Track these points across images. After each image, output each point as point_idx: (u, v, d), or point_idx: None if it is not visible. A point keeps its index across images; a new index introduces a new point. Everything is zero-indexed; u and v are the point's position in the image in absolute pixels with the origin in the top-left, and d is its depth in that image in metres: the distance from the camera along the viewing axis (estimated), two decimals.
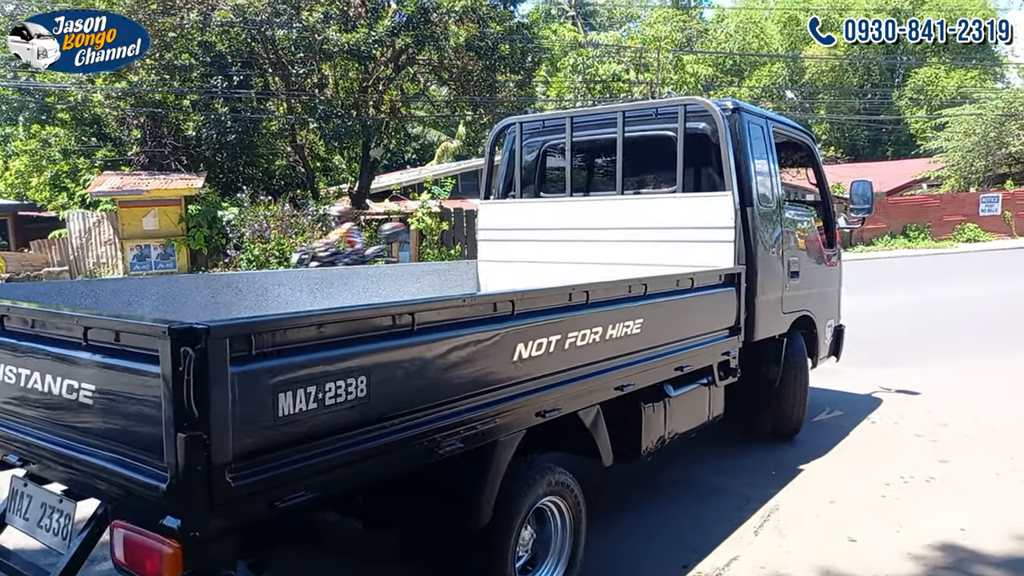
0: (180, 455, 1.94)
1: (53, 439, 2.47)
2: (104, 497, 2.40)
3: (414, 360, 2.51)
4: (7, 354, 2.61)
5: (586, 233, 5.17)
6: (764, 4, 49.85)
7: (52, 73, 22.85)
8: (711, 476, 4.88)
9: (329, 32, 19.11)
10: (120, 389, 2.23)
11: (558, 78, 28.92)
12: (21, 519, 2.77)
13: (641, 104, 5.83)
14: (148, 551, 2.14)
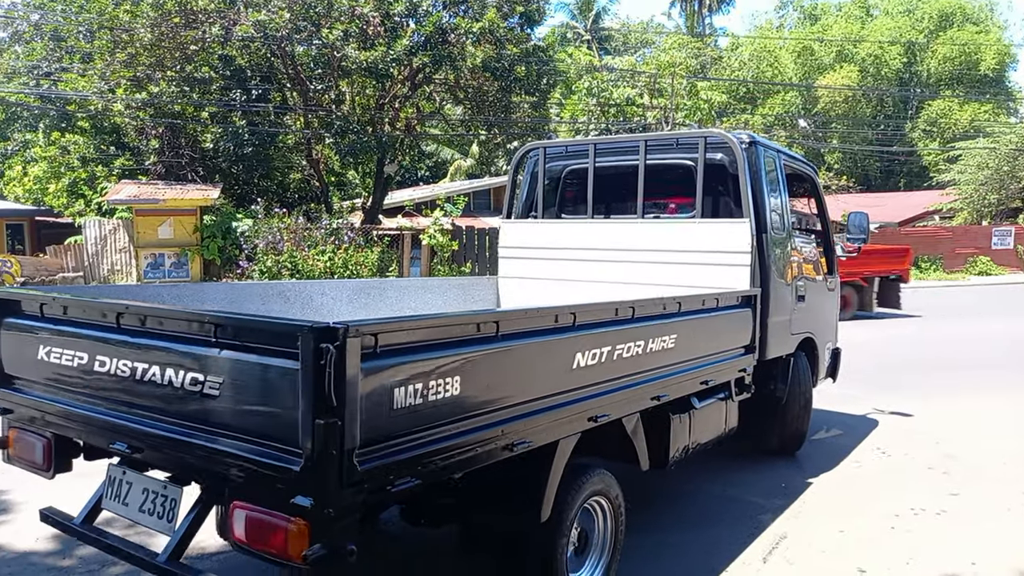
0: (317, 440, 2.14)
1: (168, 428, 2.63)
2: (221, 481, 2.52)
3: (496, 363, 2.78)
4: (122, 349, 2.78)
5: (606, 254, 5.42)
6: (778, 33, 50.20)
7: (74, 81, 23.24)
8: (720, 500, 4.89)
9: (348, 49, 19.36)
10: (250, 381, 2.40)
11: (572, 101, 29.14)
12: (120, 504, 2.96)
13: (663, 134, 6.19)
14: (274, 528, 2.30)
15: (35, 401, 3.15)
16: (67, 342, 2.99)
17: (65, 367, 2.99)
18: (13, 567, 3.86)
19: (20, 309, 3.24)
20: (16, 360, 3.26)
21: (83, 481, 4.90)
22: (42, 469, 3.22)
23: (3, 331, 3.26)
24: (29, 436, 3.21)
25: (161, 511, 2.80)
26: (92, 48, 22.11)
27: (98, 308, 2.93)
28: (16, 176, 25.35)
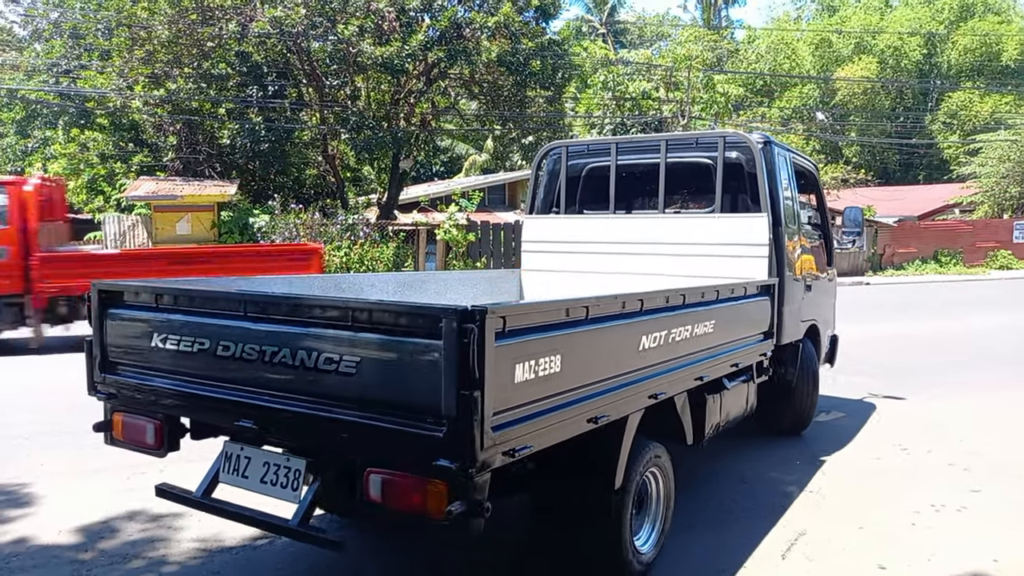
0: (462, 409, 2.43)
1: (298, 405, 2.86)
2: (351, 451, 2.82)
3: (586, 343, 3.08)
4: (250, 335, 3.00)
5: (627, 247, 5.70)
6: (796, 25, 49.73)
7: (93, 79, 23.44)
8: (737, 495, 4.86)
9: (363, 45, 19.39)
10: (388, 360, 2.66)
11: (587, 95, 29.02)
12: (239, 477, 3.20)
13: (683, 134, 6.46)
14: (413, 489, 2.61)
15: (146, 385, 3.36)
16: (188, 330, 3.20)
17: (184, 353, 3.20)
18: (37, 559, 3.92)
19: (128, 300, 3.46)
20: (122, 348, 3.46)
21: (102, 476, 4.96)
22: (154, 449, 3.43)
23: (108, 321, 3.47)
24: (139, 419, 3.43)
25: (284, 481, 3.04)
26: (111, 45, 22.28)
27: (224, 298, 3.20)
28: (36, 173, 25.63)
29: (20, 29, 36.65)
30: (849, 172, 30.99)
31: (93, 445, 5.94)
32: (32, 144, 29.29)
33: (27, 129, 30.35)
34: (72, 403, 7.33)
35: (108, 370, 3.49)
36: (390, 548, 4.10)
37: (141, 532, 4.25)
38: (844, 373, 8.55)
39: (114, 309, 3.48)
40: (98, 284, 3.51)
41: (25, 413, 6.98)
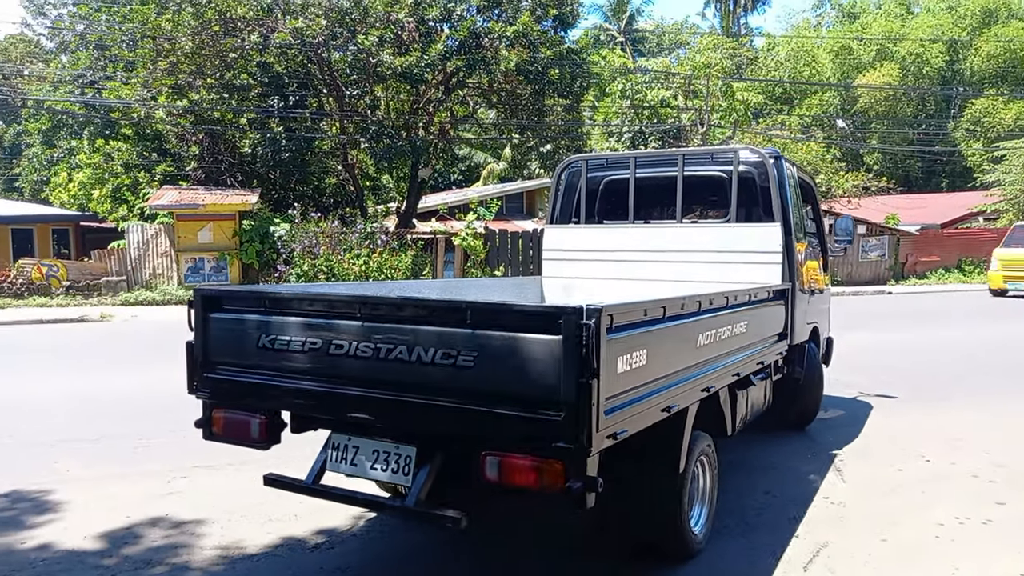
0: (581, 396, 2.73)
1: (414, 397, 3.10)
2: (464, 436, 3.07)
3: (663, 340, 3.42)
4: (365, 334, 3.22)
5: (645, 255, 6.01)
6: (816, 32, 49.47)
7: (117, 89, 23.80)
8: (757, 506, 4.82)
9: (383, 55, 19.55)
10: (507, 353, 2.90)
11: (605, 103, 29.01)
12: (348, 465, 3.44)
13: (699, 149, 6.84)
14: (530, 469, 2.89)
15: (252, 383, 3.55)
16: (298, 331, 3.41)
17: (293, 352, 3.41)
18: (63, 564, 3.97)
19: (231, 305, 3.68)
20: (224, 349, 3.66)
21: (124, 483, 5.02)
22: (258, 443, 3.64)
23: (210, 324, 3.68)
24: (242, 415, 3.63)
25: (395, 467, 3.30)
26: (135, 57, 22.63)
27: (338, 301, 3.41)
28: (62, 182, 26.09)
29: (47, 41, 37.35)
30: (870, 180, 30.71)
31: (114, 452, 6.03)
32: (58, 154, 29.81)
33: (53, 139, 30.90)
34: (90, 411, 7.44)
35: (209, 370, 3.70)
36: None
37: (164, 539, 4.29)
38: (864, 377, 8.46)
39: (216, 313, 3.69)
40: (201, 290, 3.75)
41: (45, 420, 7.08)
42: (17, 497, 4.96)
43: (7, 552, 4.10)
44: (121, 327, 15.50)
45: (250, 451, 6.04)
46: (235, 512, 4.70)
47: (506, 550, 4.26)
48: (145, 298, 19.04)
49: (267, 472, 3.70)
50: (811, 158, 30.32)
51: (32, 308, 18.00)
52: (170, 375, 9.49)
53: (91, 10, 29.65)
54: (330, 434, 3.52)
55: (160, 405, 7.65)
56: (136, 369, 10.06)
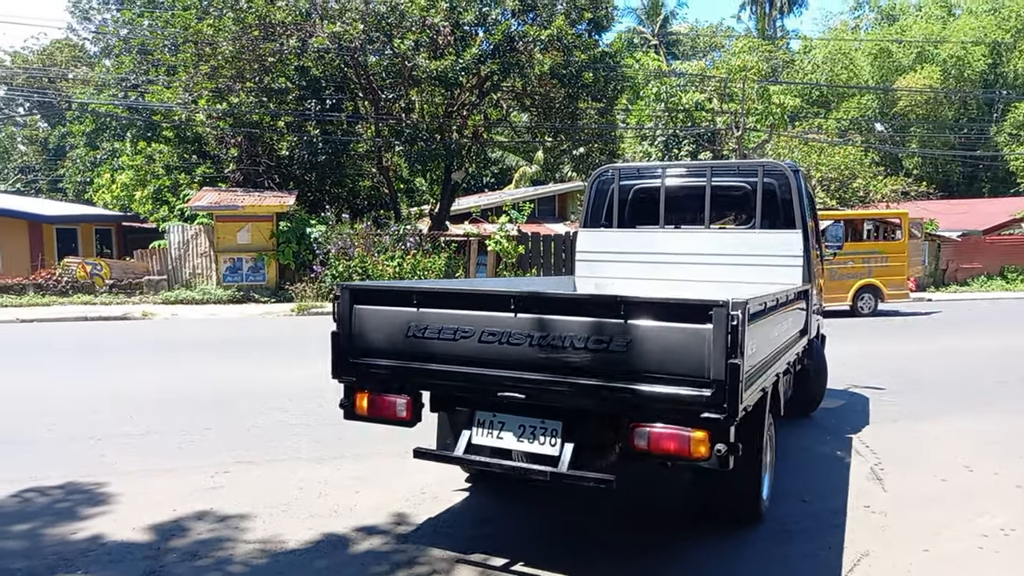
0: (729, 375, 3.24)
1: (566, 377, 3.55)
2: (614, 411, 3.56)
3: (763, 331, 3.94)
4: (520, 325, 3.66)
5: (673, 257, 6.41)
6: (854, 35, 48.72)
7: (159, 93, 24.33)
8: (797, 514, 4.79)
9: (419, 59, 19.72)
10: (659, 339, 3.38)
11: (639, 106, 28.90)
12: (494, 439, 3.85)
13: (725, 162, 7.47)
14: (679, 439, 3.38)
15: (399, 368, 3.98)
16: (450, 321, 3.83)
17: (444, 340, 3.83)
18: (113, 555, 4.09)
19: (378, 298, 4.10)
20: (371, 337, 4.06)
21: (170, 477, 5.15)
22: (405, 421, 4.07)
23: (357, 315, 4.08)
24: (389, 396, 4.06)
25: (543, 439, 3.74)
26: (176, 61, 23.11)
27: (492, 296, 3.82)
28: (105, 183, 26.73)
29: (91, 45, 38.31)
30: (910, 185, 30.15)
31: (159, 447, 6.18)
32: (101, 155, 30.55)
33: (96, 141, 31.66)
34: (135, 406, 7.63)
35: (354, 357, 4.09)
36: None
37: (209, 532, 4.40)
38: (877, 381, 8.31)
39: (361, 306, 4.08)
40: (348, 284, 4.18)
41: (93, 415, 7.28)
42: (71, 489, 5.12)
43: (61, 543, 4.24)
44: (162, 325, 15.84)
45: (289, 448, 6.17)
46: (276, 507, 4.80)
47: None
48: (185, 297, 19.42)
49: (417, 447, 4.10)
50: (848, 162, 29.89)
51: (77, 305, 18.48)
52: (210, 372, 9.73)
53: (134, 15, 30.36)
54: (476, 412, 3.93)
55: (202, 401, 7.83)
56: (178, 366, 10.29)
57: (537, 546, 4.27)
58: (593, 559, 4.10)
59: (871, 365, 10.44)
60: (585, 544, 4.30)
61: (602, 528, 4.55)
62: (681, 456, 3.39)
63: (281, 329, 15.05)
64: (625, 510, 4.85)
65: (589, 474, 3.61)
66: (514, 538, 4.37)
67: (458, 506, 4.85)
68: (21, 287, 19.61)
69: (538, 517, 4.70)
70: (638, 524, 4.64)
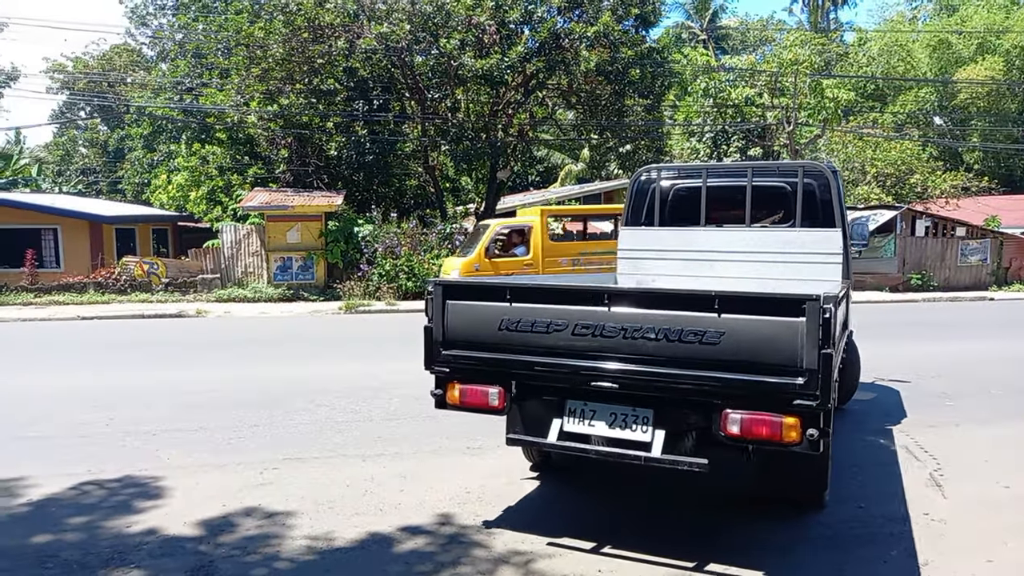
0: (822, 364, 3.43)
1: (659, 367, 3.77)
2: (706, 399, 3.75)
3: (838, 321, 4.05)
4: (615, 318, 3.87)
5: (714, 255, 6.53)
6: (911, 26, 47.24)
7: (213, 96, 24.90)
8: (850, 519, 4.64)
9: (464, 58, 19.76)
10: (752, 331, 3.58)
11: (686, 102, 28.48)
12: (586, 426, 4.07)
13: (765, 163, 7.61)
14: (771, 424, 3.60)
15: (492, 359, 4.20)
16: (542, 315, 4.05)
17: (536, 333, 4.04)
18: (164, 548, 4.17)
19: (471, 294, 4.31)
20: (464, 331, 4.26)
21: (220, 473, 5.23)
22: (497, 410, 4.27)
23: (449, 310, 4.28)
24: (481, 387, 4.27)
25: (634, 426, 3.95)
26: (229, 64, 23.62)
27: (586, 291, 4.09)
28: (161, 184, 27.49)
29: (148, 50, 39.47)
30: (971, 179, 29.09)
31: (211, 442, 6.30)
32: (158, 157, 31.44)
33: (153, 143, 32.59)
34: (189, 402, 7.81)
35: (447, 349, 4.29)
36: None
37: (257, 528, 4.46)
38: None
39: (454, 301, 4.29)
40: (441, 281, 4.35)
41: (148, 410, 7.47)
42: (126, 482, 5.25)
43: (116, 536, 4.35)
44: (215, 322, 16.22)
45: (336, 445, 6.23)
46: (323, 504, 4.84)
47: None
48: (237, 295, 19.85)
49: (510, 434, 4.33)
50: (905, 157, 28.97)
51: (134, 303, 19.05)
52: (260, 369, 9.90)
53: (189, 20, 31.15)
54: (567, 400, 4.12)
55: (252, 397, 7.96)
56: (229, 363, 10.50)
57: (587, 547, 4.21)
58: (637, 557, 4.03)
59: None
60: (625, 542, 4.24)
61: (649, 526, 4.47)
62: (772, 441, 3.60)
63: (329, 327, 15.26)
64: (677, 500, 4.76)
65: (683, 458, 3.83)
66: (560, 541, 4.32)
67: (503, 507, 4.83)
68: (82, 285, 20.28)
69: (590, 516, 4.65)
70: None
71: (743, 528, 4.51)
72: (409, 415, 7.24)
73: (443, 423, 6.92)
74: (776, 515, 4.67)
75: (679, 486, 5.26)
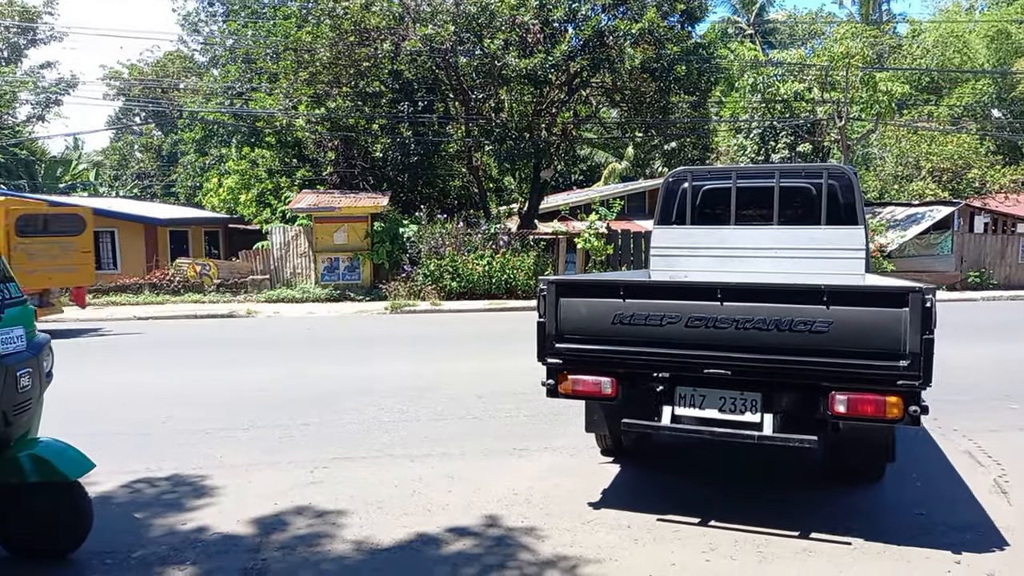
0: (925, 349, 3.87)
1: (771, 354, 4.17)
2: (815, 383, 4.17)
3: None
4: (726, 311, 4.24)
5: (744, 252, 6.83)
6: (968, 16, 45.72)
7: (262, 100, 25.37)
8: (911, 526, 4.49)
9: (508, 58, 19.76)
10: (858, 321, 3.99)
11: (732, 98, 28.03)
12: (697, 410, 4.46)
13: (793, 166, 7.89)
14: (876, 403, 4.02)
15: (605, 351, 4.54)
16: (655, 310, 4.40)
17: (650, 326, 4.41)
18: (219, 546, 4.25)
19: (584, 290, 4.66)
20: (576, 325, 4.60)
21: (272, 472, 5.29)
22: (610, 398, 4.63)
23: (562, 306, 4.61)
24: (594, 376, 4.59)
25: (743, 408, 4.36)
26: (278, 68, 24.05)
27: (699, 287, 4.48)
28: (212, 187, 28.13)
29: (200, 56, 40.44)
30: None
31: (263, 441, 6.40)
32: (209, 161, 32.18)
33: (205, 147, 33.38)
34: (241, 400, 7.95)
35: (560, 342, 4.63)
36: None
37: (308, 527, 4.51)
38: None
39: (568, 298, 4.61)
40: (553, 279, 4.68)
41: (201, 409, 7.63)
42: (178, 481, 5.37)
43: (172, 533, 4.44)
44: (265, 322, 16.53)
45: (384, 445, 6.27)
46: (372, 504, 4.88)
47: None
48: (286, 295, 20.20)
49: (625, 420, 4.62)
50: (963, 151, 28.05)
51: (188, 304, 19.53)
52: (308, 368, 10.05)
53: (239, 26, 31.82)
54: (677, 387, 4.49)
55: (302, 396, 8.08)
56: (279, 362, 10.68)
57: (637, 550, 4.16)
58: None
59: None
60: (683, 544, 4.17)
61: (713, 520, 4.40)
62: (877, 417, 4.03)
63: (375, 327, 15.41)
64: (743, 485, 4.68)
65: (794, 436, 4.22)
66: (609, 544, 4.27)
67: (549, 509, 4.80)
68: (138, 286, 20.87)
69: (639, 520, 4.59)
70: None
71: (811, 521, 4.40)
72: (456, 415, 7.26)
73: (488, 424, 6.92)
74: (837, 517, 4.54)
75: (744, 467, 5.56)
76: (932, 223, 22.84)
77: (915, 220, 23.61)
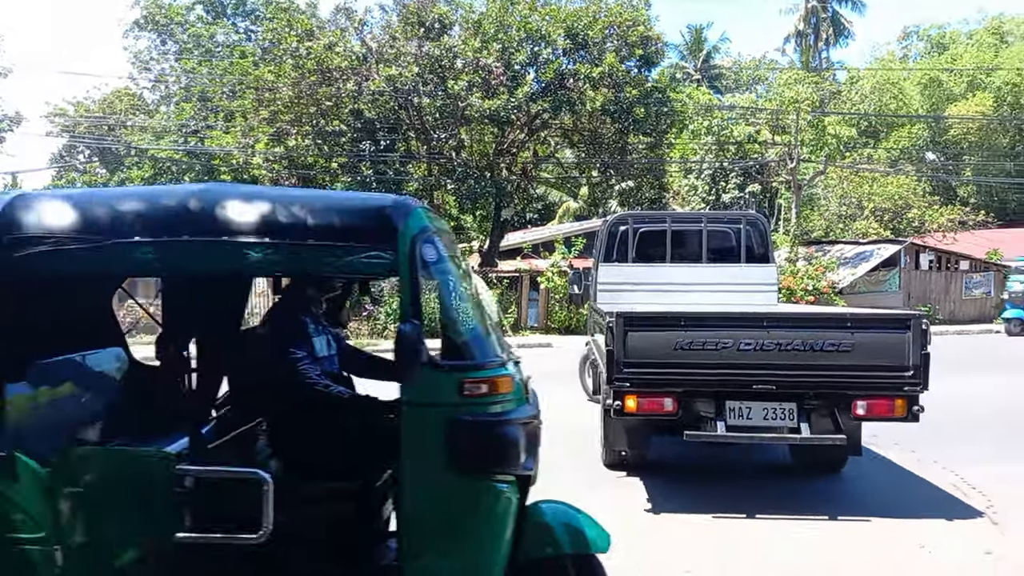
0: (923, 361, 5.05)
1: (807, 371, 5.21)
2: (841, 392, 5.25)
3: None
4: (764, 335, 5.25)
5: (677, 286, 7.80)
6: (903, 65, 48.17)
7: (218, 138, 25.05)
8: (914, 564, 4.54)
9: (472, 99, 19.95)
10: (873, 342, 5.16)
11: (683, 139, 28.76)
12: (744, 420, 5.35)
13: (716, 213, 9.27)
14: (888, 405, 5.20)
15: (667, 373, 5.29)
16: (711, 337, 5.22)
17: (707, 351, 5.21)
18: None
19: (647, 322, 5.43)
20: (642, 351, 5.27)
21: None
22: (672, 415, 5.37)
23: (629, 336, 5.25)
24: (655, 397, 5.34)
25: (782, 416, 5.29)
26: (235, 107, 23.80)
27: (748, 317, 5.71)
28: None
29: (150, 94, 39.80)
30: (967, 214, 29.38)
31: None
32: None
33: (155, 185, 32.63)
34: None
35: (628, 367, 5.25)
36: None
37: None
38: None
39: (633, 329, 5.29)
40: (621, 312, 5.32)
41: None
42: None
43: None
44: None
45: None
46: None
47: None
48: None
49: (687, 432, 5.37)
50: (901, 192, 29.27)
51: None
52: None
53: (194, 64, 31.51)
54: (725, 401, 5.32)
55: None
56: None
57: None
58: None
59: None
60: None
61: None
62: (887, 416, 5.22)
63: None
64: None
65: (827, 436, 5.27)
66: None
67: None
68: None
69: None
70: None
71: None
72: None
73: None
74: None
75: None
76: (880, 260, 23.67)
77: (864, 258, 24.44)
